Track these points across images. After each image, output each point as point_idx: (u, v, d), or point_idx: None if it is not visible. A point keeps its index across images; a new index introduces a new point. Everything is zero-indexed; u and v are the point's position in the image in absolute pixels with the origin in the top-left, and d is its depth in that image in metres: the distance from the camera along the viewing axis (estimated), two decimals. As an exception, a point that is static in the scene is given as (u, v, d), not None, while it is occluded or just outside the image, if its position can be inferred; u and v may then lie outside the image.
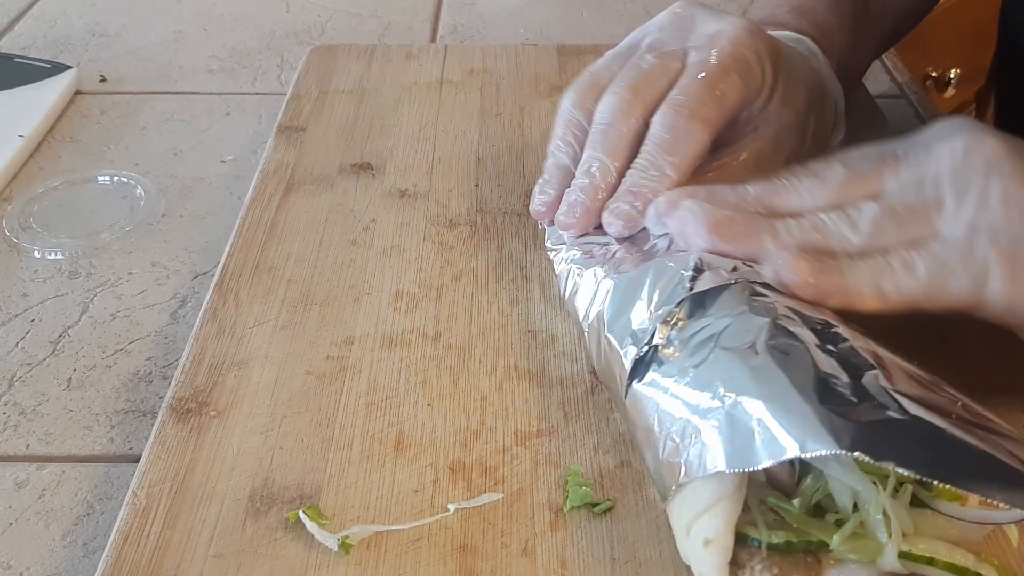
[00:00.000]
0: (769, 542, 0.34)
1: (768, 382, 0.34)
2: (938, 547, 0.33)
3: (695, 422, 0.36)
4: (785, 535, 0.34)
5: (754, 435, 0.33)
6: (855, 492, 0.34)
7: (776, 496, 0.35)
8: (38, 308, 0.56)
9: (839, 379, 0.34)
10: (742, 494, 0.34)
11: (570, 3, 0.92)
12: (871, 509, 0.33)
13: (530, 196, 0.52)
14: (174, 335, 0.54)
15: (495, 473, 0.42)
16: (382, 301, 0.52)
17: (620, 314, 0.43)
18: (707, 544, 0.34)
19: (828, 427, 0.32)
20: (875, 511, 0.33)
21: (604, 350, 0.43)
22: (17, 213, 0.63)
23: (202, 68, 0.82)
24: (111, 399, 0.51)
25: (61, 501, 0.45)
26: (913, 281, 0.39)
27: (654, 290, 0.42)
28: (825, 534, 0.34)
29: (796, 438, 0.32)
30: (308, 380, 0.47)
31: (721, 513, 0.34)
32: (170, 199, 0.65)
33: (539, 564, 0.39)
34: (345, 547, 0.39)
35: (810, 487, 0.35)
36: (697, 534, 0.34)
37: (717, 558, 0.34)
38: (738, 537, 0.34)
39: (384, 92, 0.71)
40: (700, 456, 0.35)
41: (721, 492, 0.34)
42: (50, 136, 0.72)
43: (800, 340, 0.36)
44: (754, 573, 0.34)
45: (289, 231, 0.57)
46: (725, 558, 0.34)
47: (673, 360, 0.39)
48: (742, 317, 0.38)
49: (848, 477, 0.34)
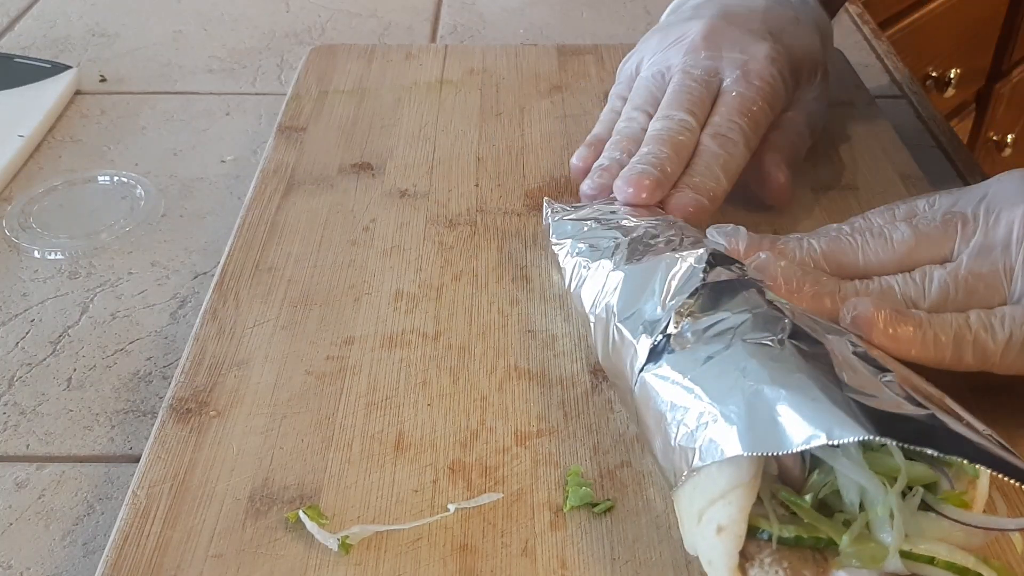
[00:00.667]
0: (780, 536, 0.34)
1: (790, 372, 0.35)
2: (939, 548, 0.33)
3: (711, 409, 0.36)
4: (795, 530, 0.34)
5: (776, 422, 0.33)
6: (863, 490, 0.34)
7: (788, 491, 0.35)
8: (38, 308, 0.56)
9: (858, 375, 0.35)
10: (757, 482, 0.34)
11: (570, 3, 0.92)
12: (878, 508, 0.33)
13: (530, 196, 0.52)
14: (174, 335, 0.54)
15: (495, 473, 0.42)
16: (382, 301, 0.52)
17: (630, 305, 0.43)
18: (720, 531, 0.34)
19: (852, 415, 0.32)
20: (882, 510, 0.33)
21: (613, 340, 0.43)
22: (17, 213, 0.63)
23: (202, 68, 0.82)
24: (111, 399, 0.51)
25: (61, 501, 0.45)
26: (990, 341, 0.40)
27: (665, 282, 0.42)
28: (835, 533, 0.34)
29: (821, 426, 0.32)
30: (308, 380, 0.47)
31: (736, 500, 0.34)
32: (170, 199, 0.65)
33: (539, 564, 0.39)
34: (345, 547, 0.39)
35: (818, 482, 0.35)
36: (710, 521, 0.34)
37: (730, 545, 0.33)
38: (748, 529, 0.34)
39: (384, 92, 0.71)
40: (716, 442, 0.35)
41: (737, 479, 0.34)
42: (50, 136, 0.72)
43: (820, 339, 0.37)
44: (763, 565, 0.34)
45: (289, 231, 0.57)
46: (737, 546, 0.34)
47: (687, 350, 0.39)
48: (762, 314, 0.39)
49: (857, 474, 0.34)
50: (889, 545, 0.33)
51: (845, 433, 0.32)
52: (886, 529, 0.33)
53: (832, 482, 0.35)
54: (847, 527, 0.34)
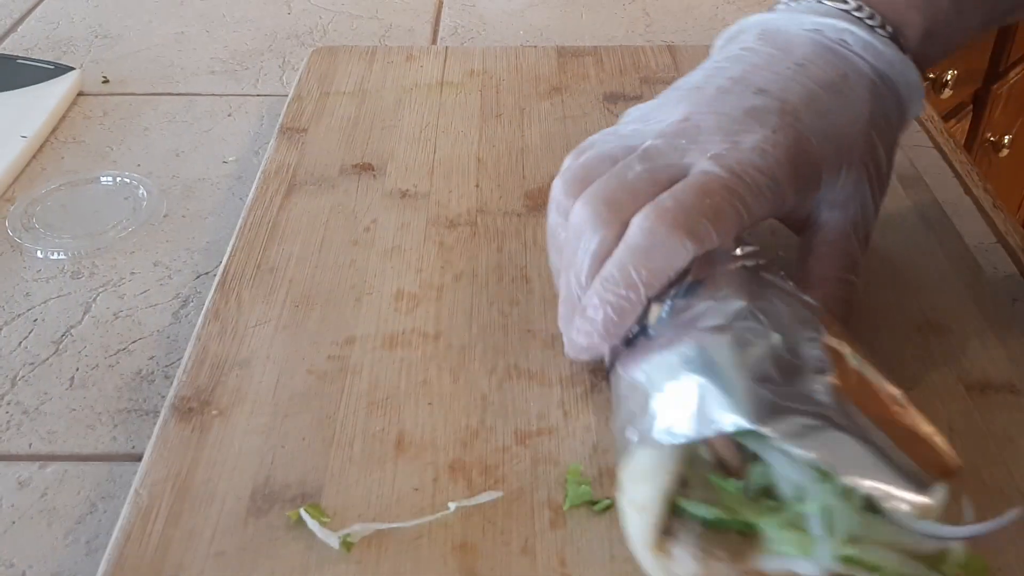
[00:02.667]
0: (703, 517, 0.35)
1: (716, 361, 0.36)
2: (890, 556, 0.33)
3: (649, 394, 0.38)
4: (719, 512, 0.35)
5: (692, 409, 0.35)
6: (797, 484, 0.34)
7: (718, 476, 0.36)
8: (41, 308, 0.57)
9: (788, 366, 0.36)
10: (678, 467, 0.35)
11: (570, 5, 0.93)
12: (811, 504, 0.34)
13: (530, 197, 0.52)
14: (176, 335, 0.55)
15: (495, 472, 0.42)
16: (383, 301, 0.52)
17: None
18: (640, 510, 0.35)
19: (752, 404, 0.33)
20: (813, 505, 0.34)
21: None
22: (20, 213, 0.63)
23: (204, 69, 0.82)
24: (113, 398, 0.51)
25: (64, 500, 0.45)
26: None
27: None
28: (757, 517, 0.34)
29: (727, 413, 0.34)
30: (309, 380, 0.47)
31: (656, 482, 0.35)
32: (172, 200, 0.65)
33: (539, 562, 0.39)
34: (346, 545, 0.39)
35: (758, 474, 0.35)
36: (632, 499, 0.36)
37: (646, 524, 0.35)
38: (675, 510, 0.35)
39: (385, 93, 0.71)
40: (646, 425, 0.37)
41: (658, 462, 0.36)
42: (53, 137, 0.72)
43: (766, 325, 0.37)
44: (682, 544, 0.35)
45: (290, 231, 0.57)
46: (655, 524, 0.35)
47: (653, 339, 0.40)
48: (722, 299, 0.39)
49: (791, 469, 0.34)
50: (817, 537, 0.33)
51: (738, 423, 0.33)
52: (818, 526, 0.33)
53: (768, 473, 0.35)
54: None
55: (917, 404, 0.43)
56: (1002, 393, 0.45)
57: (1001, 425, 0.44)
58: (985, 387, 0.46)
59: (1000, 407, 0.45)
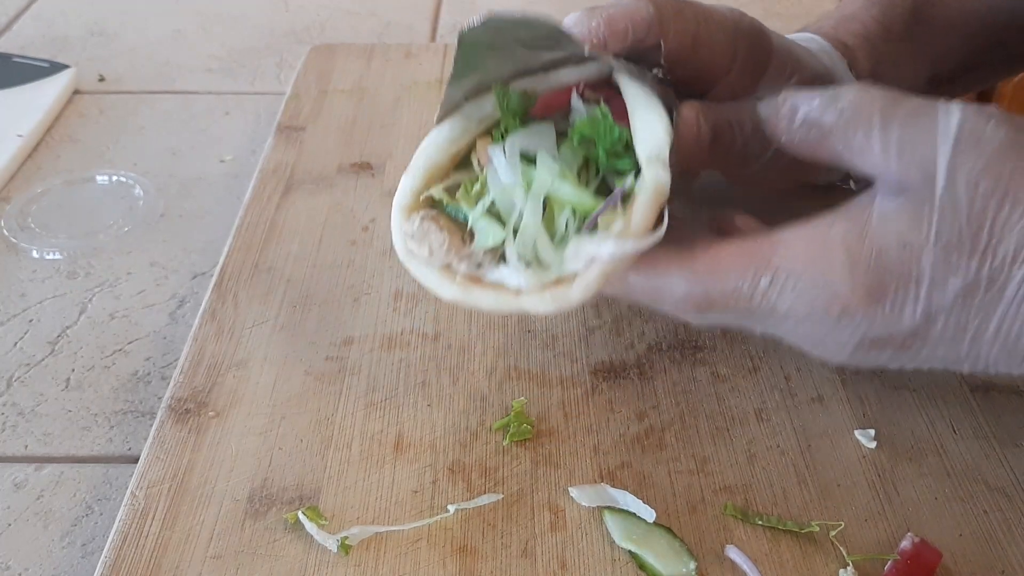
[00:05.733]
0: (431, 196, 0.40)
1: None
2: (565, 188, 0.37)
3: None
4: (456, 206, 0.39)
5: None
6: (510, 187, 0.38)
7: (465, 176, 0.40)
8: (36, 308, 0.56)
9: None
10: (452, 150, 0.41)
11: (569, 3, 0.92)
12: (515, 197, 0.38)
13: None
14: (173, 335, 0.54)
15: (495, 474, 0.42)
16: (381, 301, 0.52)
17: None
18: (406, 173, 0.40)
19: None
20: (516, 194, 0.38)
21: None
22: (15, 213, 0.63)
23: (201, 67, 0.81)
24: (110, 399, 0.50)
25: (60, 502, 0.45)
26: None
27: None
28: (470, 210, 0.38)
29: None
30: (307, 380, 0.47)
31: (424, 156, 0.41)
32: (169, 199, 0.65)
33: (539, 565, 0.38)
34: (344, 548, 0.39)
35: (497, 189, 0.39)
36: (409, 166, 0.41)
37: (404, 186, 0.40)
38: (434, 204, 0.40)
39: (383, 91, 0.71)
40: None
41: (441, 141, 0.41)
42: (48, 136, 0.71)
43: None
44: (421, 216, 0.39)
45: (288, 231, 0.57)
46: (412, 190, 0.40)
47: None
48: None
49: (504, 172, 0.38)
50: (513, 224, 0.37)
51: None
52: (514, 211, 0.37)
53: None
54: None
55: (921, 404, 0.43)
56: (1005, 394, 0.45)
57: (1004, 427, 0.44)
58: (988, 388, 0.45)
59: (1003, 409, 0.45)
